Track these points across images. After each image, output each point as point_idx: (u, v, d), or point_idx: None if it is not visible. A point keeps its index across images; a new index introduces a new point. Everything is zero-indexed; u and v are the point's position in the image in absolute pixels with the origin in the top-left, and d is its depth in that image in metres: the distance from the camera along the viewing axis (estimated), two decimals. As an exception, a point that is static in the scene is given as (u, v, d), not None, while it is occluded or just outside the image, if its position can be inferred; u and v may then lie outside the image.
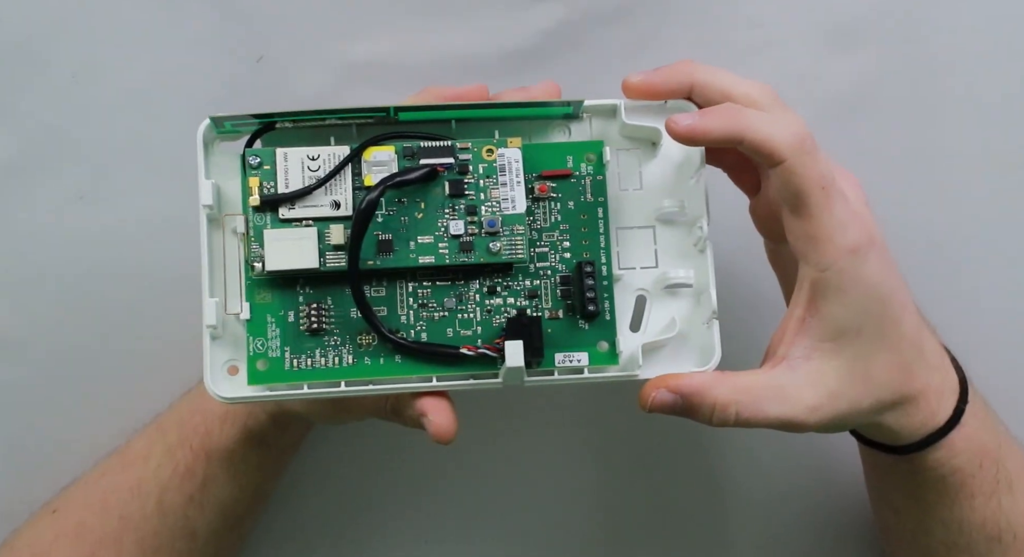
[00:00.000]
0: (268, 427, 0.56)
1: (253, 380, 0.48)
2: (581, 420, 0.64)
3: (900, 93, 0.64)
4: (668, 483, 0.64)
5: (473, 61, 0.63)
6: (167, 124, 0.62)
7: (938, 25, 0.64)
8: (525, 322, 0.48)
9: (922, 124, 0.64)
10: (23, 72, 0.62)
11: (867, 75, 0.64)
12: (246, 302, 0.48)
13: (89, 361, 0.62)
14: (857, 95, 0.64)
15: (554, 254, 0.50)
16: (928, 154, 0.64)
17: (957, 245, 0.64)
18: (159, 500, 0.56)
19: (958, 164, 0.64)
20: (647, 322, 0.50)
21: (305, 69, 0.63)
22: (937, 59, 0.64)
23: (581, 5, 0.63)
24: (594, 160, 0.50)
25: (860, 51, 0.64)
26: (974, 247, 0.64)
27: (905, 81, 0.64)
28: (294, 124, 0.49)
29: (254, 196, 0.48)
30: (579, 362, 0.49)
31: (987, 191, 0.64)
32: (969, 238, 0.64)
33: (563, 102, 0.50)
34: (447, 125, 0.50)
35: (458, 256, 0.48)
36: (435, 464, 0.64)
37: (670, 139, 0.50)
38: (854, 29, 0.64)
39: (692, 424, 0.48)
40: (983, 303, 0.64)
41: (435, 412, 0.48)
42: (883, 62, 0.64)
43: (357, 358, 0.49)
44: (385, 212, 0.48)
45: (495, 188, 0.49)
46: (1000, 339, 0.63)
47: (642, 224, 0.51)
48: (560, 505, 0.64)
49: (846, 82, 0.64)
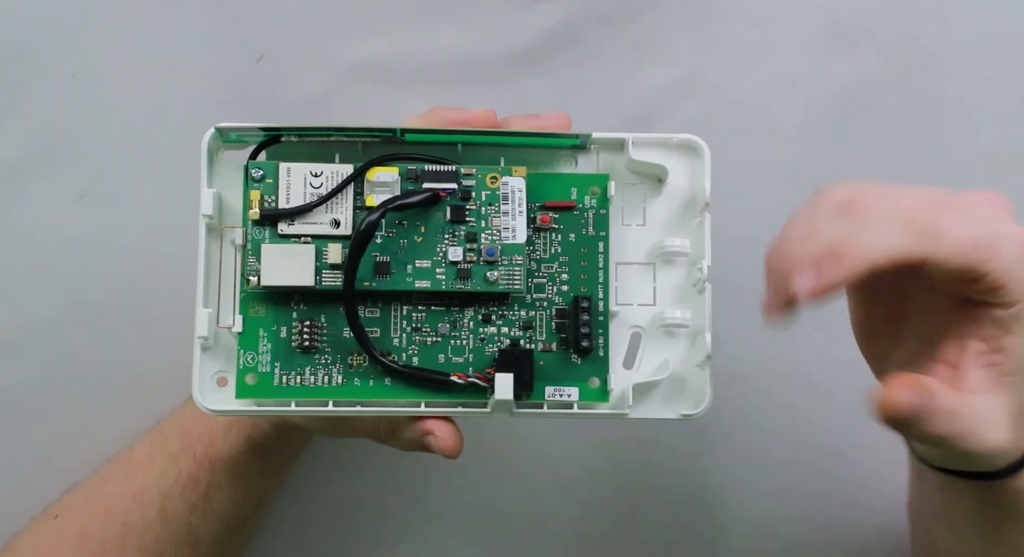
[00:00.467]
0: (271, 436, 0.56)
1: (241, 394, 0.48)
2: (580, 422, 0.64)
3: (900, 93, 0.64)
4: (671, 489, 0.64)
5: (473, 61, 0.63)
6: (167, 124, 0.62)
7: (938, 25, 0.64)
8: (517, 355, 0.48)
9: (922, 124, 0.64)
10: (23, 72, 0.62)
11: (867, 75, 0.64)
12: (239, 315, 0.48)
13: (89, 362, 0.62)
14: (857, 95, 0.64)
15: (552, 286, 0.49)
16: (928, 154, 0.64)
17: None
18: (162, 507, 0.56)
19: (958, 164, 0.64)
20: (640, 359, 0.50)
21: (305, 69, 0.63)
22: (937, 59, 0.64)
23: (581, 5, 0.63)
24: (598, 193, 0.50)
25: (860, 51, 0.64)
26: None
27: (905, 81, 0.64)
28: (300, 138, 0.49)
29: (254, 210, 0.47)
30: (569, 397, 0.49)
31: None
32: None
33: (571, 134, 0.49)
34: (453, 148, 0.50)
35: (455, 283, 0.48)
36: (435, 470, 0.64)
37: (676, 176, 0.50)
38: (854, 29, 0.64)
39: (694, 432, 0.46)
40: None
41: (440, 429, 0.48)
42: (883, 62, 0.64)
43: (347, 378, 0.48)
44: (384, 233, 0.48)
45: (496, 216, 0.48)
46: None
47: (642, 261, 0.51)
48: (561, 507, 0.64)
49: (846, 82, 0.64)
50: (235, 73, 0.63)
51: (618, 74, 0.63)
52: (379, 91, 0.63)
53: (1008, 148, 0.64)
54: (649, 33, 0.64)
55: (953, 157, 0.64)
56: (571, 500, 0.64)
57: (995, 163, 0.64)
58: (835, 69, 0.64)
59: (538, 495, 0.64)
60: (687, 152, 0.50)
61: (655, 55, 0.64)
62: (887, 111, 0.64)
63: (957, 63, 0.64)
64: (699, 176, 0.50)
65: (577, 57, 0.63)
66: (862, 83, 0.64)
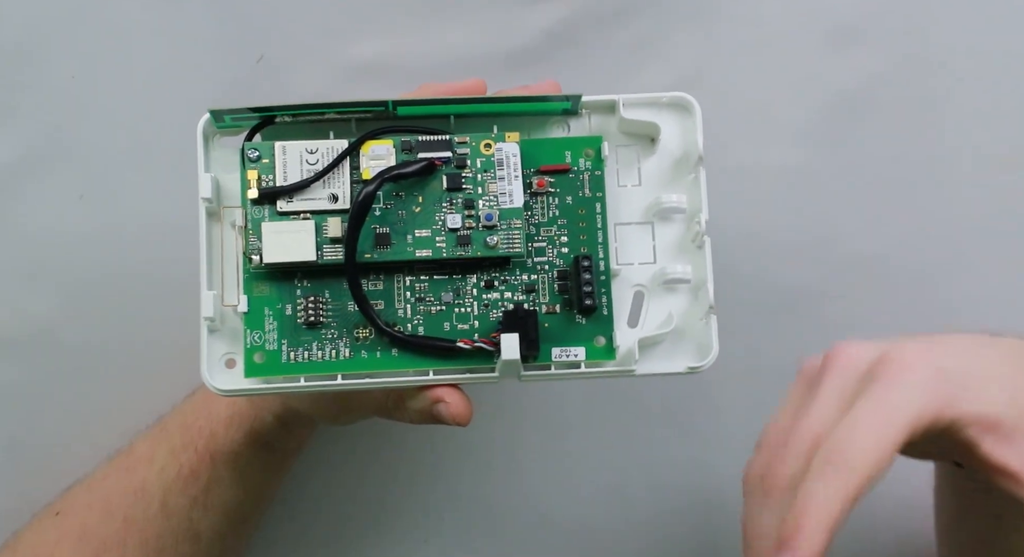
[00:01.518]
0: (274, 428, 0.56)
1: (250, 373, 0.48)
2: (580, 423, 0.64)
3: (901, 93, 0.64)
4: (669, 485, 0.64)
5: (473, 61, 0.63)
6: (166, 124, 0.62)
7: (939, 25, 0.64)
8: (521, 315, 0.48)
9: (923, 124, 0.64)
10: (23, 73, 0.63)
11: (868, 75, 0.64)
12: (243, 295, 0.48)
13: (89, 361, 0.62)
14: (858, 95, 0.64)
15: (552, 249, 0.50)
16: (929, 154, 0.64)
17: (957, 244, 0.64)
18: (163, 502, 0.56)
19: (959, 164, 0.64)
20: (644, 317, 0.50)
21: (304, 69, 0.63)
22: (938, 59, 0.64)
23: (581, 5, 0.63)
24: (592, 155, 0.50)
25: (861, 51, 0.64)
26: (975, 247, 0.64)
27: (906, 81, 0.64)
28: (293, 118, 0.50)
29: (252, 189, 0.48)
30: (576, 357, 0.49)
31: (988, 191, 0.64)
32: (970, 238, 0.64)
33: (562, 97, 0.50)
34: (446, 120, 0.50)
35: (455, 250, 0.48)
36: (435, 467, 0.64)
37: (669, 134, 0.51)
38: (855, 29, 0.64)
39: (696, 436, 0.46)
40: (983, 305, 0.63)
41: (450, 396, 0.48)
42: (884, 62, 0.64)
43: (354, 351, 0.48)
44: (383, 205, 0.48)
45: (493, 182, 0.49)
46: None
47: (640, 220, 0.51)
48: (561, 507, 0.64)
49: (846, 82, 0.64)
50: (235, 73, 0.63)
51: (618, 74, 0.64)
52: (379, 91, 0.63)
53: (1008, 148, 0.64)
54: (649, 33, 0.64)
55: (954, 156, 0.64)
56: (571, 500, 0.64)
57: (996, 163, 0.64)
58: (836, 69, 0.64)
59: (538, 496, 0.64)
60: (678, 110, 0.51)
61: (655, 55, 0.64)
62: (888, 111, 0.64)
63: (957, 64, 0.64)
64: (691, 133, 0.50)
65: (578, 57, 0.64)
66: (863, 83, 0.64)
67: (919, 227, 0.63)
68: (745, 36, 0.64)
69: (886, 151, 0.64)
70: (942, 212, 0.64)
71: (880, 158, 0.63)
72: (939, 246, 0.64)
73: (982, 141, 0.64)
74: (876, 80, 0.64)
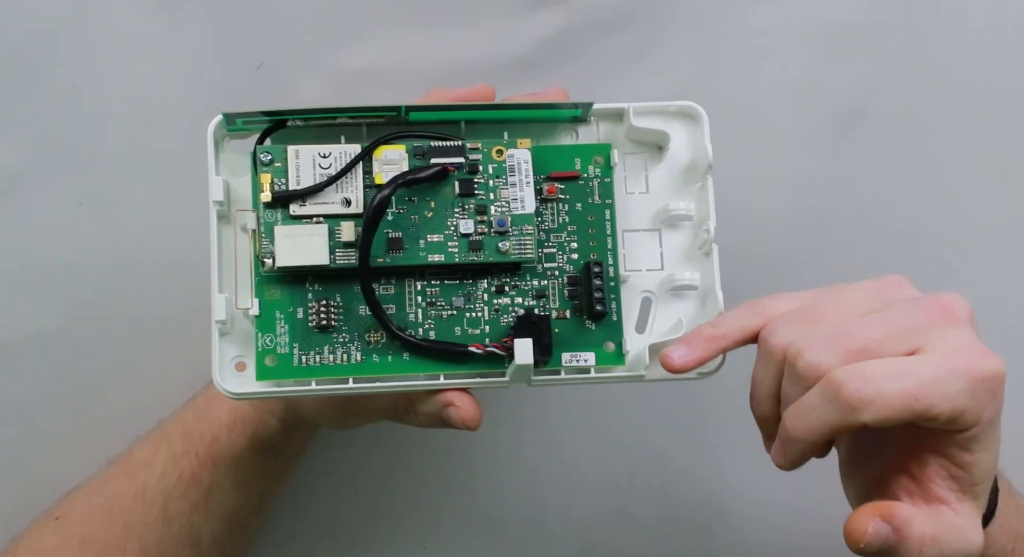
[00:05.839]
0: (277, 433, 0.56)
1: (261, 376, 0.48)
2: (580, 429, 0.64)
3: (899, 101, 0.65)
4: (673, 491, 0.65)
5: (474, 69, 0.63)
6: (167, 132, 0.62)
7: (937, 34, 0.65)
8: (534, 320, 0.48)
9: (921, 132, 0.65)
10: (23, 81, 0.62)
11: (866, 83, 0.65)
12: (255, 298, 0.48)
13: (90, 367, 0.62)
14: (856, 103, 0.65)
15: (562, 255, 0.50)
16: (927, 162, 0.65)
17: (955, 252, 0.65)
18: (163, 507, 0.56)
19: (956, 172, 0.65)
20: (652, 323, 0.51)
21: (304, 78, 0.63)
22: (936, 67, 0.65)
23: (582, 13, 0.63)
24: (602, 162, 0.51)
25: (859, 59, 0.65)
26: (972, 254, 0.65)
27: (904, 89, 0.65)
28: (304, 123, 0.50)
29: (265, 192, 0.48)
30: (586, 362, 0.49)
31: (985, 199, 0.65)
32: (967, 245, 0.65)
33: (572, 104, 0.50)
34: (456, 126, 0.51)
35: (467, 255, 0.49)
36: (435, 472, 0.64)
37: (676, 143, 0.51)
38: (854, 37, 0.65)
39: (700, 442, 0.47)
40: (982, 311, 0.64)
41: (460, 400, 0.48)
42: (882, 70, 0.65)
43: (365, 355, 0.49)
44: (395, 210, 0.49)
45: (505, 188, 0.49)
46: (1000, 347, 0.64)
47: (648, 227, 0.52)
48: (562, 515, 0.64)
49: (846, 90, 0.65)
50: (235, 81, 0.63)
51: (618, 82, 0.64)
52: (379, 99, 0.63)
53: (1006, 156, 0.65)
54: (649, 42, 0.64)
55: (951, 165, 0.65)
56: (572, 508, 0.65)
57: (993, 171, 0.65)
58: (835, 77, 0.65)
59: (539, 503, 0.65)
60: (686, 119, 0.52)
61: (655, 63, 0.64)
62: (886, 119, 0.65)
63: (955, 72, 0.65)
64: (699, 142, 0.51)
65: (577, 65, 0.64)
66: (862, 91, 0.65)
67: (917, 234, 0.64)
68: (744, 44, 0.64)
69: (884, 159, 0.64)
70: (940, 219, 0.65)
71: (878, 166, 0.64)
72: (937, 252, 0.65)
73: (981, 149, 0.65)
74: (875, 88, 0.65)
